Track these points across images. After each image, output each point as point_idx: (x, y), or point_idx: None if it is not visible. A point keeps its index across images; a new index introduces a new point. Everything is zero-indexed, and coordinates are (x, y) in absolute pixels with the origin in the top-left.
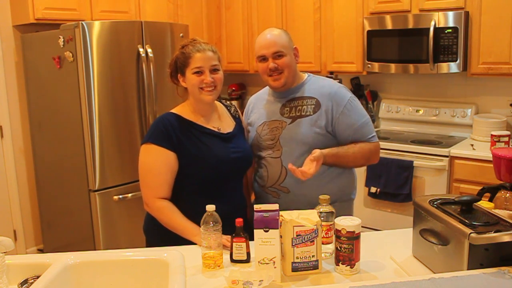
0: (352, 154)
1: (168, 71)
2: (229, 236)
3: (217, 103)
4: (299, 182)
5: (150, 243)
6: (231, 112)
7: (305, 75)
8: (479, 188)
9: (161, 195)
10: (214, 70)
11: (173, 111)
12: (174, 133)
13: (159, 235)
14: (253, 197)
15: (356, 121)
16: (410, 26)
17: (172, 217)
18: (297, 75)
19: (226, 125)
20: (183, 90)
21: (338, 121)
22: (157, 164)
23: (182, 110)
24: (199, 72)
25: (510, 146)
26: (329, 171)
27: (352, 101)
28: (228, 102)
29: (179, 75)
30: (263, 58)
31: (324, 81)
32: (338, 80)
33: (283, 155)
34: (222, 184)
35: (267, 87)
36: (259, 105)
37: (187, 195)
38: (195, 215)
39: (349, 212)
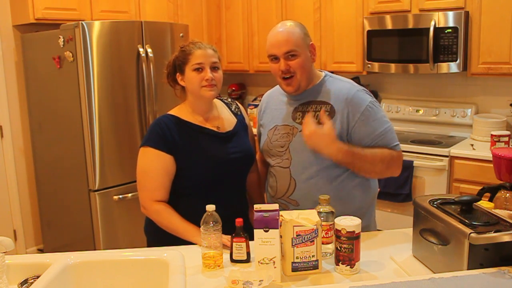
0: (370, 155)
1: (165, 72)
2: (229, 236)
3: (217, 101)
4: (308, 195)
5: (151, 244)
6: (232, 109)
7: (322, 74)
8: (479, 188)
9: (158, 198)
10: (214, 68)
11: (170, 112)
12: (171, 135)
13: (160, 236)
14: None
15: (374, 130)
16: (410, 26)
17: (171, 219)
18: (312, 75)
19: (226, 124)
20: (181, 91)
21: (355, 129)
22: (154, 167)
23: (180, 111)
24: (199, 69)
25: (510, 146)
26: (342, 185)
27: (371, 107)
28: (229, 100)
29: (177, 74)
30: (274, 58)
31: (342, 83)
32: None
33: (292, 166)
34: (221, 186)
35: None
36: (272, 105)
37: (186, 198)
38: (193, 217)
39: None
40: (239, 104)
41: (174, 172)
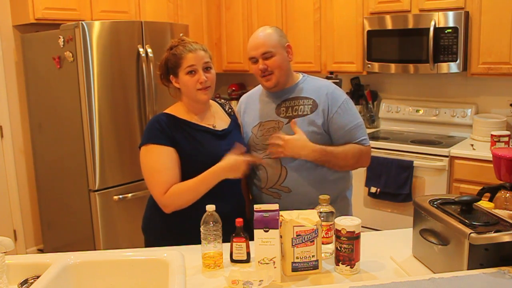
0: (342, 152)
1: (158, 73)
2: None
3: (211, 101)
4: (300, 181)
5: (148, 242)
6: (226, 109)
7: (300, 75)
8: (479, 188)
9: None
10: (206, 69)
11: (166, 111)
12: (170, 131)
13: (157, 233)
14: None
15: (349, 123)
16: (410, 26)
17: (186, 186)
18: (291, 74)
19: (221, 123)
20: (175, 90)
21: (332, 120)
22: (161, 161)
23: (176, 109)
24: (192, 72)
25: (510, 146)
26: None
27: (347, 103)
28: (223, 100)
29: (171, 76)
30: (254, 60)
31: (321, 81)
32: (338, 80)
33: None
34: (219, 182)
35: (259, 86)
36: (252, 106)
37: None
38: (192, 214)
39: (347, 210)
40: (232, 105)
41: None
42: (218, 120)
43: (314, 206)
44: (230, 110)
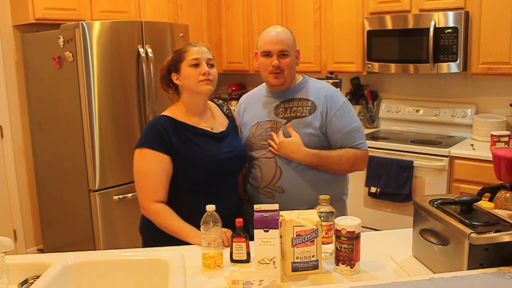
0: (336, 156)
1: (158, 76)
2: (229, 231)
3: (210, 102)
4: (294, 181)
5: (146, 243)
6: (224, 110)
7: (300, 77)
8: (479, 188)
9: (157, 199)
10: (209, 65)
11: (165, 113)
12: (167, 136)
13: (155, 235)
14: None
15: (346, 126)
16: (410, 26)
17: (169, 220)
18: (295, 76)
19: (219, 124)
20: (175, 95)
21: (330, 123)
22: (152, 167)
23: (174, 111)
24: (195, 65)
25: (510, 146)
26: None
27: (346, 106)
28: (220, 101)
29: (172, 73)
30: (267, 54)
31: (320, 83)
32: (338, 80)
33: (278, 155)
34: (217, 184)
35: (259, 86)
36: (252, 106)
37: (182, 196)
38: (190, 216)
39: (343, 212)
40: (230, 106)
41: (171, 172)
42: (216, 122)
43: (308, 207)
44: (228, 111)
